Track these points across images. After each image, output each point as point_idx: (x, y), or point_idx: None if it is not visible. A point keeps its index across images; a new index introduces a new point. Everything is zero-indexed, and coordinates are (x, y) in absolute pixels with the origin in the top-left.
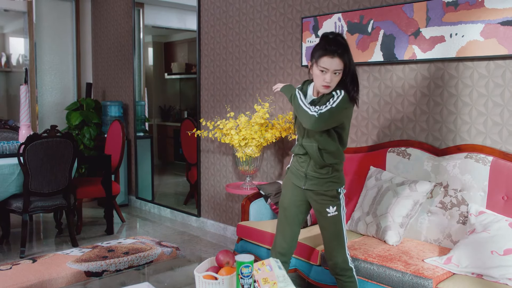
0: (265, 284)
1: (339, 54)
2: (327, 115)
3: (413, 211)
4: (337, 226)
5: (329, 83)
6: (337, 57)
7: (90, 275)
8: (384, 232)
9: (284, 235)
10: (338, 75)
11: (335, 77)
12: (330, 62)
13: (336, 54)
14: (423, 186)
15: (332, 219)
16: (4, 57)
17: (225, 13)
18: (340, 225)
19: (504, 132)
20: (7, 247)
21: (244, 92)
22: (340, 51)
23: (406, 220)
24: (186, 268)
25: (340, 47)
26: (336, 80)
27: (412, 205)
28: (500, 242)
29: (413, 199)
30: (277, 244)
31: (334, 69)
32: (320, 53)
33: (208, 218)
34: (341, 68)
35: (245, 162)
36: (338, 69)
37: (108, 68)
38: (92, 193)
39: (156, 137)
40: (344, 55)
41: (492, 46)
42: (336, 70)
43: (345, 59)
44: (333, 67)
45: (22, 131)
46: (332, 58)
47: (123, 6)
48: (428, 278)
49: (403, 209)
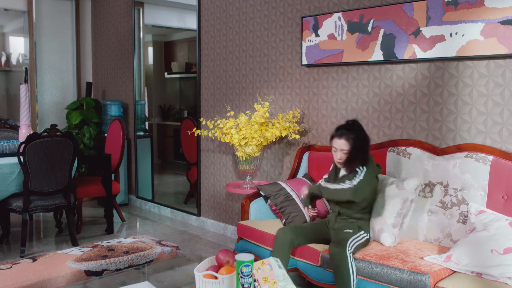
0: (265, 283)
1: (343, 134)
2: (360, 184)
3: (404, 209)
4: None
5: (340, 160)
6: (343, 138)
7: (90, 274)
8: (378, 234)
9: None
10: (347, 154)
11: (344, 155)
12: (336, 143)
13: (341, 136)
14: (411, 183)
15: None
16: (4, 56)
17: (225, 12)
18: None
19: (504, 132)
20: (7, 246)
21: (244, 91)
22: (344, 132)
23: (398, 220)
24: (186, 267)
25: (345, 128)
26: (347, 157)
27: (401, 203)
28: (500, 241)
29: (401, 197)
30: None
31: (341, 149)
32: (331, 135)
33: (208, 217)
34: (347, 149)
35: (245, 161)
36: (344, 149)
37: (108, 67)
38: (92, 192)
39: (156, 137)
40: (348, 135)
41: (492, 46)
42: (343, 150)
43: (349, 140)
44: (340, 146)
45: (22, 131)
46: (339, 139)
47: (123, 5)
48: (425, 273)
49: (392, 209)
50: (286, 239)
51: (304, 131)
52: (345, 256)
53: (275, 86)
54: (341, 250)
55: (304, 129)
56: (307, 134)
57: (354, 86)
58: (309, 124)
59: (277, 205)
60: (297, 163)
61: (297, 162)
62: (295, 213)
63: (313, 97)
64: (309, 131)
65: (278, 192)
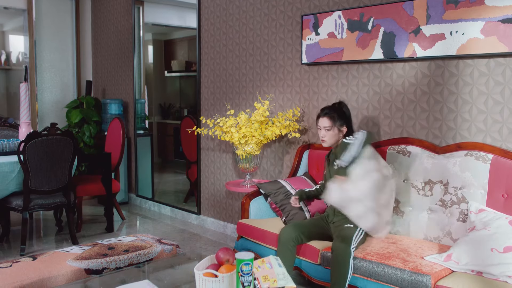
0: (265, 282)
1: (326, 114)
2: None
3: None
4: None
5: (323, 137)
6: (325, 117)
7: (90, 272)
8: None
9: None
10: (329, 131)
11: (327, 133)
12: (320, 121)
13: (325, 115)
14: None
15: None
16: (4, 55)
17: (225, 10)
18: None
19: (504, 130)
20: (7, 245)
21: (244, 90)
22: (327, 111)
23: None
24: (186, 265)
25: (328, 108)
26: (330, 135)
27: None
28: (500, 239)
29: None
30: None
31: (323, 126)
32: (317, 116)
33: (208, 216)
34: (329, 125)
35: (245, 160)
36: (326, 125)
37: (108, 66)
38: (92, 191)
39: (156, 135)
40: (333, 113)
41: (492, 44)
42: (325, 127)
43: (332, 118)
44: (323, 124)
45: (22, 129)
46: (322, 118)
47: (123, 4)
48: (426, 274)
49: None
50: (290, 237)
51: (304, 129)
52: (349, 252)
53: (275, 84)
54: (346, 246)
55: (304, 128)
56: (307, 133)
57: (354, 84)
58: (309, 122)
59: (277, 203)
60: (297, 161)
61: (297, 160)
62: (295, 211)
63: (313, 96)
64: (309, 129)
65: (278, 190)
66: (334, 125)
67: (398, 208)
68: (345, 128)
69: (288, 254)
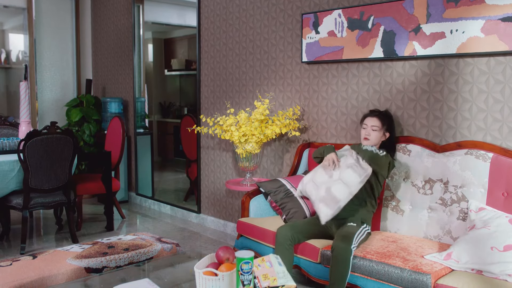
0: (265, 280)
1: (376, 115)
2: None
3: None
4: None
5: (367, 135)
6: (375, 117)
7: (90, 271)
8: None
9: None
10: (376, 132)
11: (373, 132)
12: (368, 120)
13: (375, 115)
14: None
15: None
16: (4, 54)
17: (225, 9)
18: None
19: (505, 129)
20: (7, 243)
21: (244, 89)
22: (378, 114)
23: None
24: (186, 264)
25: (379, 111)
26: (375, 135)
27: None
28: (500, 238)
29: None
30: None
31: (372, 125)
32: (363, 116)
33: (208, 214)
34: (377, 125)
35: (245, 158)
36: (375, 125)
37: (108, 64)
38: (92, 189)
39: (156, 134)
40: (383, 117)
41: (493, 42)
42: (373, 126)
43: (383, 120)
44: (371, 123)
45: (22, 128)
46: (371, 117)
47: (123, 2)
48: (426, 273)
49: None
50: (286, 236)
51: (304, 128)
52: (349, 252)
53: (275, 83)
54: (346, 245)
55: (304, 126)
56: (307, 131)
57: (354, 83)
58: (309, 121)
59: (277, 202)
60: (297, 160)
61: (297, 159)
62: (295, 209)
63: (313, 94)
64: (309, 128)
65: (278, 188)
66: (382, 128)
67: (398, 207)
68: (388, 134)
69: (286, 253)
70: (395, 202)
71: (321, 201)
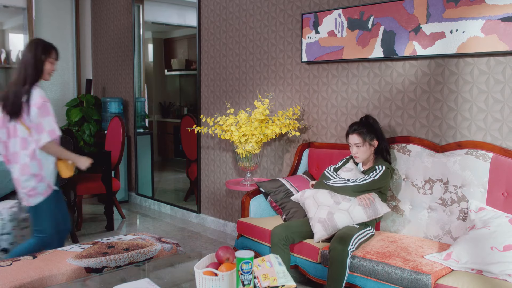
0: (265, 280)
1: (354, 130)
2: (367, 185)
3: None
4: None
5: (356, 154)
6: (354, 133)
7: (90, 271)
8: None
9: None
10: (361, 147)
11: (359, 149)
12: (350, 139)
13: (354, 131)
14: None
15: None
16: (4, 54)
17: (225, 9)
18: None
19: (504, 129)
20: None
21: (244, 89)
22: (355, 128)
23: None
24: (186, 264)
25: (356, 124)
26: (362, 151)
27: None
28: (500, 238)
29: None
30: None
31: (354, 143)
32: (346, 133)
33: (208, 214)
34: (359, 142)
35: (245, 158)
36: (357, 142)
37: (108, 64)
38: (92, 189)
39: (156, 134)
40: (362, 129)
41: (493, 42)
42: (356, 143)
43: (363, 134)
44: (353, 141)
45: None
46: (351, 135)
47: (123, 2)
48: (426, 273)
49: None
50: (280, 237)
51: (304, 128)
52: (346, 253)
53: (275, 83)
54: (343, 247)
55: (304, 126)
56: (307, 131)
57: (354, 83)
58: (309, 121)
59: (277, 202)
60: (297, 160)
61: (297, 159)
62: (295, 209)
63: (313, 94)
64: (309, 128)
65: (278, 188)
66: (365, 141)
67: (398, 207)
68: (375, 142)
69: (281, 253)
70: (395, 202)
71: (320, 222)
